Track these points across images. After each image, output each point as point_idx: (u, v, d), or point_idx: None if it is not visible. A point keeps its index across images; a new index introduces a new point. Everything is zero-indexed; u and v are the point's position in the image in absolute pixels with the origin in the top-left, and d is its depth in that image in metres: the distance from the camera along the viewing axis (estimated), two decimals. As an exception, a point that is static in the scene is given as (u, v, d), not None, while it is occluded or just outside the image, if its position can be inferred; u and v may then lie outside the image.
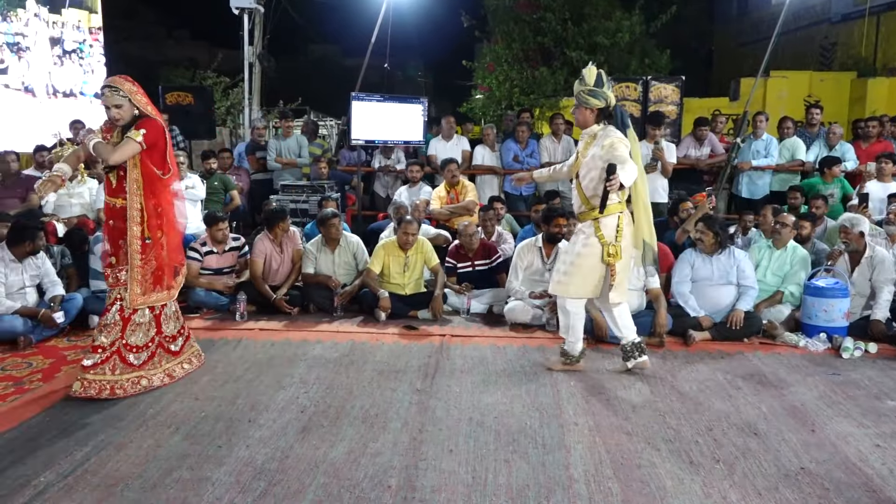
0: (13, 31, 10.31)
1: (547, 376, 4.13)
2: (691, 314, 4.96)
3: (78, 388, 3.70)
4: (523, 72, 11.85)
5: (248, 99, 11.84)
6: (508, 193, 7.86)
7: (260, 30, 11.68)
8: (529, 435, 3.30)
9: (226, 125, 16.01)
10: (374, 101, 7.73)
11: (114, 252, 3.83)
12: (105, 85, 3.70)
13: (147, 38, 22.67)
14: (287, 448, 3.13)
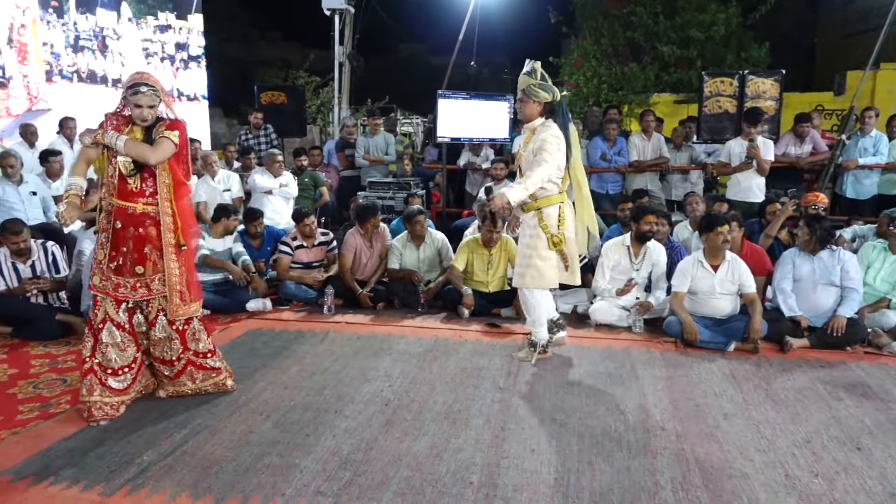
0: (143, 37, 10.98)
1: (633, 379, 4.04)
2: (787, 313, 4.73)
3: (164, 395, 3.72)
4: (612, 68, 11.63)
5: (337, 97, 12.14)
6: (595, 192, 7.69)
7: (350, 30, 11.93)
8: (614, 438, 3.23)
9: (316, 123, 16.48)
10: (460, 99, 7.76)
11: (139, 261, 3.46)
12: (143, 83, 3.39)
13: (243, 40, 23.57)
14: (371, 440, 3.19)
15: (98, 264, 3.49)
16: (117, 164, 3.41)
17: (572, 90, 12.80)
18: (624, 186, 7.82)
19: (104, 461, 2.96)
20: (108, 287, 3.48)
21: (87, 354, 3.51)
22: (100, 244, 3.51)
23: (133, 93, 3.37)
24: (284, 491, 2.72)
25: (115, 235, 3.46)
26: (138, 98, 3.38)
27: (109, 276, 3.47)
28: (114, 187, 3.45)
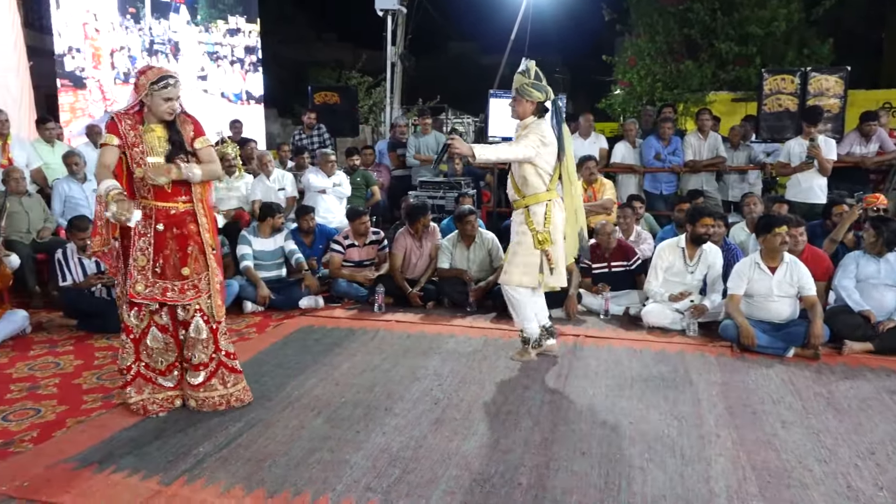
0: (213, 41, 11.33)
1: (687, 385, 3.96)
2: (855, 308, 4.57)
3: (194, 405, 3.52)
4: (667, 66, 11.43)
5: (389, 97, 12.24)
6: (648, 192, 7.60)
7: (402, 30, 12.02)
8: (667, 444, 3.17)
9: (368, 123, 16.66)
10: (512, 98, 7.73)
11: (184, 261, 3.40)
12: (170, 75, 3.29)
13: (298, 41, 23.98)
14: (421, 438, 3.21)
15: (141, 270, 3.34)
16: (147, 167, 3.29)
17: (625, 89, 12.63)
18: (678, 187, 7.67)
19: (163, 451, 3.06)
20: (155, 293, 3.37)
21: (131, 361, 3.46)
22: (140, 250, 3.34)
23: (163, 86, 3.25)
24: (335, 486, 2.76)
25: (158, 238, 3.36)
26: (169, 91, 3.27)
27: (156, 281, 3.37)
28: (148, 189, 3.33)
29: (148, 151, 3.31)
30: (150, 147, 3.32)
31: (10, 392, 3.82)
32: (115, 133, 3.27)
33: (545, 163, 4.09)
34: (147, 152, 3.30)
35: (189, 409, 3.53)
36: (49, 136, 7.18)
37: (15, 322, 4.86)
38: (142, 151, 3.30)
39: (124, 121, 3.30)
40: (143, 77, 3.28)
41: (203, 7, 11.22)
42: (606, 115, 13.89)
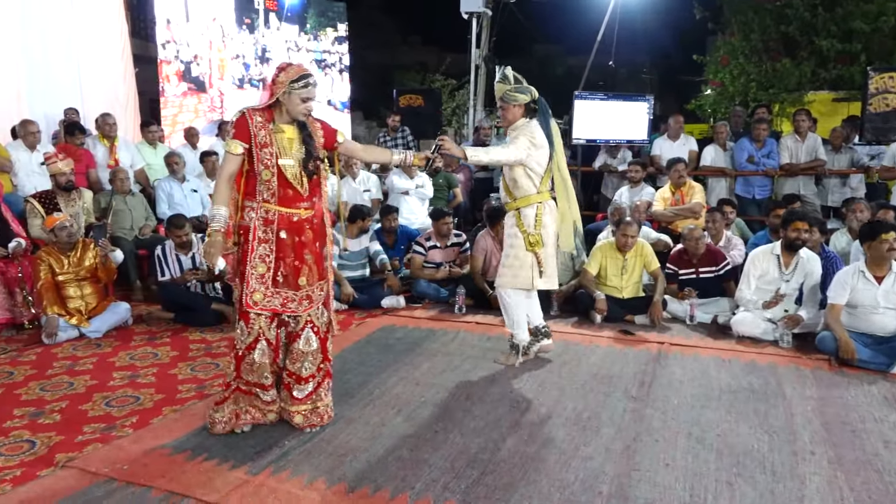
0: (321, 48, 11.81)
1: (779, 397, 3.78)
2: None
3: (301, 421, 3.31)
4: (762, 65, 10.97)
5: (472, 100, 12.28)
6: (740, 196, 7.31)
7: (486, 33, 12.03)
8: (757, 459, 3.04)
9: (451, 125, 16.76)
10: (598, 100, 7.62)
11: (303, 270, 3.21)
12: (310, 74, 3.13)
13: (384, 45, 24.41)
14: (499, 440, 3.20)
15: (260, 279, 3.13)
16: (276, 169, 3.09)
17: (717, 89, 12.21)
18: (773, 191, 7.34)
19: (251, 443, 3.17)
20: (274, 303, 3.17)
21: (231, 378, 3.26)
22: (259, 257, 3.12)
23: (303, 85, 3.06)
24: (414, 484, 2.79)
25: (280, 245, 3.14)
26: (308, 91, 3.09)
27: (276, 291, 3.17)
28: (272, 193, 3.11)
29: (280, 153, 3.11)
30: (281, 148, 3.12)
31: (113, 379, 4.06)
32: (244, 132, 3.07)
33: (536, 164, 4.07)
34: (279, 153, 3.10)
35: (293, 426, 3.32)
36: (152, 139, 7.60)
37: (118, 314, 5.17)
38: (271, 153, 3.09)
39: (255, 117, 3.10)
40: (282, 74, 3.08)
41: (313, 16, 11.66)
42: (696, 116, 13.46)
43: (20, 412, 3.55)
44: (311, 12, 11.80)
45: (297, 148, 3.17)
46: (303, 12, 11.71)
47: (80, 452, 3.06)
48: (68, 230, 4.98)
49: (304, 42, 11.67)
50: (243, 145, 3.07)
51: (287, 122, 3.17)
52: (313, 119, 3.27)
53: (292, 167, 3.13)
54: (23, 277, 5.07)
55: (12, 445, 3.15)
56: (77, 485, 2.77)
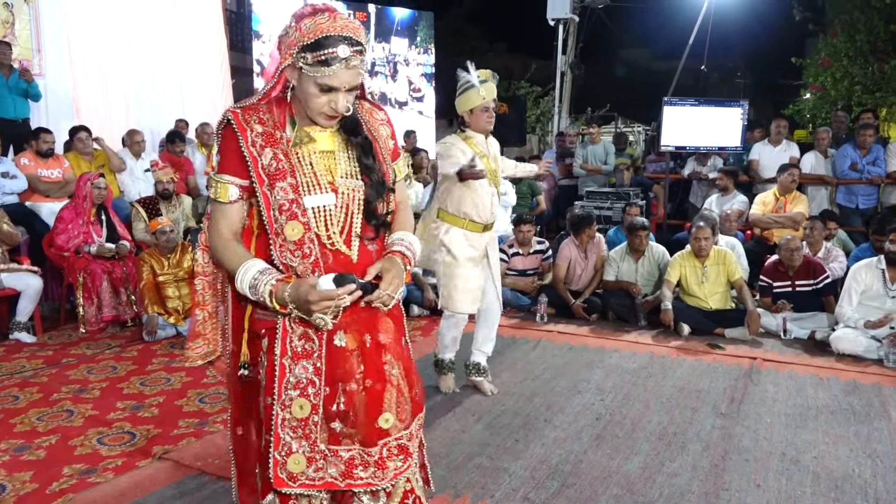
0: (430, 62, 12.14)
1: (884, 420, 3.55)
2: None
3: None
4: (868, 66, 10.36)
5: (557, 106, 12.18)
6: (842, 206, 6.92)
7: (573, 39, 11.92)
8: (857, 484, 2.86)
9: (535, 132, 16.68)
10: (688, 106, 7.39)
11: (379, 401, 1.78)
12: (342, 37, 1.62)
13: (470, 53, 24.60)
14: (581, 453, 3.14)
15: (300, 429, 1.75)
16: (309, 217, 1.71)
17: (817, 93, 11.63)
18: (879, 200, 6.91)
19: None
20: (329, 475, 1.78)
21: None
22: (296, 386, 1.74)
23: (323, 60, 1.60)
24: (493, 493, 2.78)
25: (335, 359, 1.76)
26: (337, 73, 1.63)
27: (333, 449, 1.79)
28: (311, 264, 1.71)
29: (307, 186, 1.70)
30: (311, 175, 1.71)
31: (206, 377, 4.24)
32: (235, 158, 1.70)
33: None
34: (307, 187, 1.70)
35: None
36: (246, 147, 7.93)
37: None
38: (293, 188, 1.69)
39: (252, 123, 1.71)
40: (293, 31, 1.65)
41: (423, 28, 11.95)
42: (794, 121, 12.86)
43: (122, 405, 3.76)
44: (422, 25, 12.06)
45: (344, 169, 1.76)
46: (413, 25, 11.98)
47: (176, 446, 3.22)
48: (168, 235, 5.25)
49: (413, 55, 11.95)
50: (238, 183, 1.72)
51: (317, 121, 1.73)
52: (372, 106, 1.90)
53: (337, 211, 1.73)
54: (127, 277, 5.38)
55: (115, 436, 3.35)
56: (172, 477, 2.91)
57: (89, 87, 7.91)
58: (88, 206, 5.46)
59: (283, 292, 1.63)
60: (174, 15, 8.83)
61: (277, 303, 1.65)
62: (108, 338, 5.11)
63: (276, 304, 1.65)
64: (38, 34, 7.50)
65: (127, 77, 8.24)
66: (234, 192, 1.73)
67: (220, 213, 1.75)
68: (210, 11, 9.40)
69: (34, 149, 6.01)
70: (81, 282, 5.20)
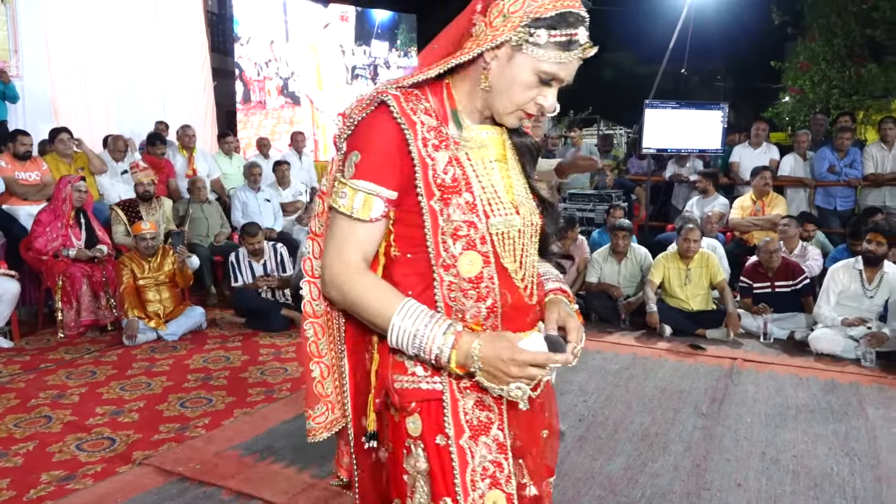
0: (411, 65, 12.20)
1: (861, 419, 3.59)
2: None
3: None
4: (845, 70, 10.50)
5: (540, 110, 12.21)
6: (821, 208, 7.01)
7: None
8: (836, 483, 2.89)
9: (518, 135, 16.69)
10: (669, 108, 7.45)
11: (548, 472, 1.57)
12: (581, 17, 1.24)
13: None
14: (564, 454, 3.15)
15: None
16: (491, 246, 1.29)
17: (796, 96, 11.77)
18: (856, 202, 7.00)
19: (317, 447, 3.19)
20: None
21: None
22: (484, 472, 1.28)
23: (566, 38, 1.22)
24: (476, 495, 2.77)
25: (520, 427, 1.39)
26: (570, 60, 1.25)
27: None
28: (486, 308, 1.30)
29: (489, 204, 1.29)
30: (489, 190, 1.31)
31: (188, 381, 4.21)
32: (392, 158, 1.26)
33: None
34: (489, 206, 1.29)
35: None
36: (228, 149, 7.89)
37: (194, 318, 5.36)
38: (469, 204, 1.27)
39: (418, 113, 1.28)
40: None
41: (403, 32, 12.00)
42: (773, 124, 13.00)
43: (102, 410, 3.72)
44: (403, 28, 12.08)
45: (520, 184, 1.38)
46: (393, 28, 12.00)
47: (156, 451, 3.19)
48: (148, 242, 5.20)
49: (394, 59, 11.99)
50: (385, 196, 1.26)
51: (485, 119, 1.35)
52: None
53: (520, 239, 1.33)
54: (107, 281, 5.32)
55: (94, 442, 3.31)
56: (152, 482, 2.88)
57: (68, 89, 7.83)
58: (68, 209, 5.40)
59: (471, 348, 1.18)
60: (154, 16, 8.77)
61: (461, 362, 1.20)
62: (87, 342, 5.06)
63: (454, 366, 1.20)
64: (16, 35, 7.42)
65: (106, 78, 8.17)
66: (379, 207, 1.25)
67: (350, 233, 1.26)
68: (191, 13, 9.34)
69: (11, 151, 5.92)
70: (60, 286, 5.14)
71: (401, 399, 1.27)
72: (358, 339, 1.37)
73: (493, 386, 1.21)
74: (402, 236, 1.29)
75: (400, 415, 1.28)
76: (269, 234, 6.48)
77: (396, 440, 1.29)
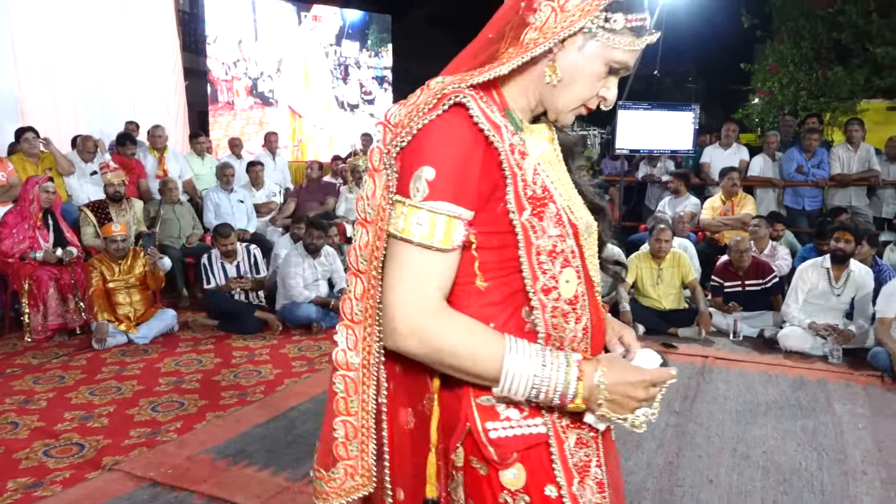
0: (382, 65, 12.11)
1: (829, 415, 3.66)
2: None
3: None
4: (813, 73, 10.70)
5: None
6: (789, 207, 7.13)
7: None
8: (804, 478, 2.95)
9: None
10: (642, 110, 7.53)
11: None
12: None
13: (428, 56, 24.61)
14: (538, 453, 3.17)
15: None
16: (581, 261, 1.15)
17: (765, 98, 11.96)
18: (824, 202, 7.14)
19: (291, 449, 3.21)
20: None
21: None
22: None
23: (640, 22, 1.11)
24: (451, 495, 2.78)
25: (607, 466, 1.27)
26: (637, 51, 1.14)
27: None
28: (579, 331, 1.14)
29: (571, 213, 1.14)
30: (568, 197, 1.16)
31: (159, 385, 4.15)
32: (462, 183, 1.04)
33: None
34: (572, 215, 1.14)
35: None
36: (200, 150, 7.80)
37: (165, 320, 5.29)
38: (556, 216, 1.11)
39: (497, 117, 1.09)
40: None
41: (374, 32, 11.96)
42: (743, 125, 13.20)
43: (70, 415, 3.65)
44: (374, 28, 12.05)
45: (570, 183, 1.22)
46: (364, 29, 11.96)
47: (127, 456, 3.14)
48: (118, 244, 5.12)
49: (364, 58, 11.94)
50: (466, 218, 1.06)
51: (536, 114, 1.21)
52: None
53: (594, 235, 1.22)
54: (75, 284, 5.23)
55: (62, 448, 3.25)
56: (123, 488, 2.84)
57: (35, 88, 7.67)
58: (36, 211, 5.29)
59: (595, 377, 1.05)
60: (125, 14, 8.63)
61: (585, 396, 1.05)
62: (55, 346, 4.96)
63: (580, 401, 1.05)
64: (-20, 32, 7.26)
65: (75, 77, 8.02)
66: (460, 232, 1.04)
67: (427, 267, 1.04)
68: (162, 11, 9.22)
69: (-24, 152, 5.80)
70: (27, 289, 5.04)
71: (500, 451, 1.07)
72: (405, 391, 1.16)
73: (615, 416, 1.07)
74: (489, 262, 1.09)
75: (489, 467, 1.08)
76: (243, 235, 6.43)
77: (483, 498, 1.09)
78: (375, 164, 1.13)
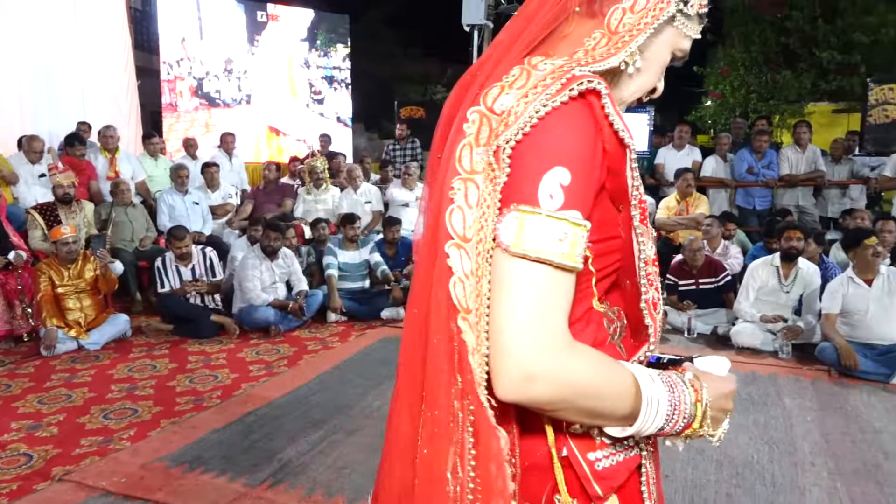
0: (331, 65, 11.96)
1: (779, 408, 3.77)
2: None
3: None
4: (762, 76, 11.01)
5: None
6: (741, 207, 7.32)
7: (488, 44, 12.09)
8: (756, 470, 3.03)
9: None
10: (597, 111, 7.63)
11: None
12: None
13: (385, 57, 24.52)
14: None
15: None
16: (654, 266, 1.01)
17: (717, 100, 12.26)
18: (773, 202, 7.34)
19: (249, 455, 3.16)
20: None
21: None
22: None
23: None
24: (412, 497, 2.77)
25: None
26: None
27: None
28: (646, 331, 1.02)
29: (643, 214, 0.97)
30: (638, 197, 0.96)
31: (111, 392, 4.05)
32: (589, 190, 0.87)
33: None
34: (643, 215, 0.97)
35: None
36: (153, 151, 7.62)
37: (117, 325, 5.16)
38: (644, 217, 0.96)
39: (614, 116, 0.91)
40: None
41: (322, 33, 11.82)
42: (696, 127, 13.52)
43: (17, 425, 3.54)
44: (322, 29, 11.93)
45: None
46: (312, 29, 11.83)
47: (78, 466, 3.05)
48: (70, 246, 4.98)
49: (314, 59, 11.82)
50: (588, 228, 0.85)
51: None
52: None
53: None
54: (22, 289, 5.07)
55: (9, 459, 3.15)
56: (73, 498, 2.76)
57: (-23, 86, 7.41)
58: (-22, 214, 5.12)
59: (704, 396, 0.94)
60: (73, 9, 8.38)
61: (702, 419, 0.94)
62: (0, 354, 4.80)
63: (697, 424, 0.94)
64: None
65: (20, 74, 7.74)
66: (582, 245, 0.84)
67: (557, 290, 0.83)
68: (113, 8, 8.98)
69: (-85, 153, 5.58)
70: (-29, 295, 4.87)
71: (605, 483, 0.93)
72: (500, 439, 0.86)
73: (711, 431, 0.96)
74: (605, 276, 0.96)
75: (582, 500, 0.92)
76: (198, 237, 6.31)
77: None
78: (467, 167, 0.87)
